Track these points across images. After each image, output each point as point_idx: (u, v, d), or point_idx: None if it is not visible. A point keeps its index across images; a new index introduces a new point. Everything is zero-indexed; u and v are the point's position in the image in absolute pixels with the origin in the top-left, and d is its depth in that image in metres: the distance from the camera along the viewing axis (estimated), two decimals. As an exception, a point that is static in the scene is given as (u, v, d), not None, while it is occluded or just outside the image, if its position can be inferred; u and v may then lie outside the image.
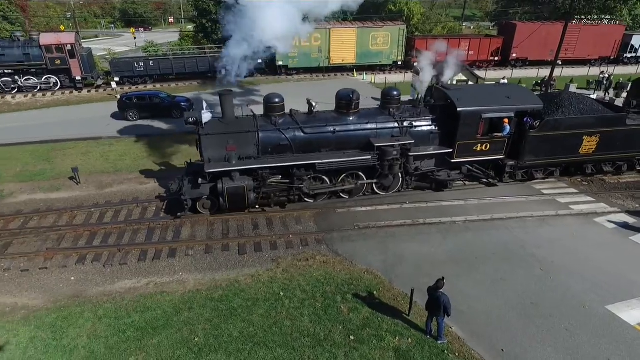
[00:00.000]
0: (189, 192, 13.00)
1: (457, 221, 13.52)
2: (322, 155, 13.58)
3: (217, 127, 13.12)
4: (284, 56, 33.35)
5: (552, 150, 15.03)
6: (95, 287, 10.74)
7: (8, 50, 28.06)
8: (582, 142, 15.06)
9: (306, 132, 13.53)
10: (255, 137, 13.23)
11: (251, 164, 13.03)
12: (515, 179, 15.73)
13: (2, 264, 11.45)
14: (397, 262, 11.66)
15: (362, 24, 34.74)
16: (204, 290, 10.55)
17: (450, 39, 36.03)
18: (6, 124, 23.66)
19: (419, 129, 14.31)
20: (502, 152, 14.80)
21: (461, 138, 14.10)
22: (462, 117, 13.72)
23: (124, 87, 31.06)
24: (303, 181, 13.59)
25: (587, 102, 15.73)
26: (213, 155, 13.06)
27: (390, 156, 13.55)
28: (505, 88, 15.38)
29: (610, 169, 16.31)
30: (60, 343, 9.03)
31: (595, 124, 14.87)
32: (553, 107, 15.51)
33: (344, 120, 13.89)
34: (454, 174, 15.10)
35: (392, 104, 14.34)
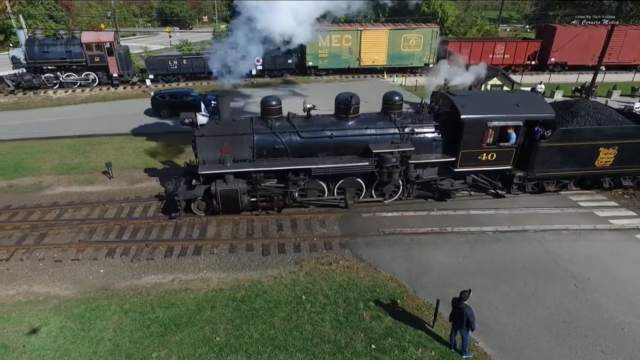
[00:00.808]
0: (182, 193, 12.99)
1: (487, 231, 13.05)
2: (318, 160, 13.28)
3: (213, 128, 13.10)
4: (314, 56, 33.38)
5: (564, 161, 14.15)
6: (123, 280, 11.01)
7: (52, 48, 29.33)
8: (599, 154, 14.07)
9: (302, 136, 13.29)
10: (250, 140, 13.12)
11: (245, 167, 12.94)
12: (524, 190, 14.95)
13: (37, 254, 11.91)
14: (422, 270, 11.36)
15: (394, 26, 34.31)
16: (227, 290, 10.61)
17: (485, 42, 35.11)
18: (48, 117, 24.73)
19: (420, 135, 13.81)
20: (510, 162, 14.06)
21: (465, 146, 13.49)
22: (466, 124, 13.10)
23: (157, 84, 31.92)
24: (298, 186, 13.31)
25: (605, 111, 14.71)
26: (208, 157, 13.05)
27: (389, 163, 13.14)
28: (516, 95, 14.50)
29: (631, 184, 15.25)
30: (88, 334, 9.29)
31: (613, 135, 13.87)
32: (568, 116, 14.65)
33: (342, 125, 13.58)
34: (458, 184, 14.52)
35: (393, 109, 13.88)
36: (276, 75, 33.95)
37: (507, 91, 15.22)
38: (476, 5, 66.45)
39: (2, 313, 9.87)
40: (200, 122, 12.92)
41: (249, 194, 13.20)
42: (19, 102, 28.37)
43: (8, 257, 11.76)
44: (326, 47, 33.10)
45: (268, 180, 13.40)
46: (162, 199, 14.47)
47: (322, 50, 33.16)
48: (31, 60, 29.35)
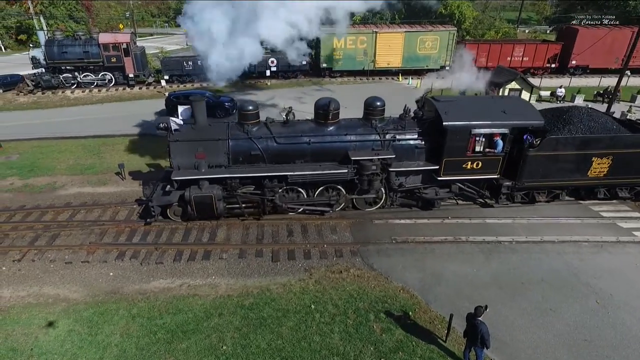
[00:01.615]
0: (157, 199, 12.78)
1: (503, 241, 12.63)
2: (296, 167, 12.95)
3: (187, 134, 12.85)
4: (328, 58, 33.16)
5: (555, 171, 13.55)
6: (132, 284, 10.96)
7: (70, 48, 29.78)
8: (592, 163, 13.45)
9: (279, 142, 12.97)
10: (225, 146, 12.80)
11: (218, 173, 12.63)
12: (513, 200, 14.39)
13: (48, 255, 11.97)
14: (435, 281, 11.03)
15: (410, 27, 33.82)
16: (235, 297, 10.46)
17: (503, 44, 34.36)
18: (65, 117, 25.08)
19: (402, 142, 13.35)
20: (497, 171, 13.53)
21: (448, 154, 13.00)
22: (449, 132, 12.62)
23: (172, 85, 32.12)
24: (275, 193, 13.03)
25: (600, 119, 13.99)
26: (182, 163, 12.77)
27: (368, 170, 12.77)
28: (503, 101, 13.86)
29: (627, 195, 14.59)
30: (95, 339, 9.24)
31: (607, 145, 13.22)
32: (560, 124, 13.99)
33: (321, 131, 13.21)
34: (443, 192, 14.01)
35: (374, 115, 13.44)
36: (290, 77, 33.83)
37: (495, 97, 14.43)
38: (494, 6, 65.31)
39: (13, 315, 9.91)
40: (174, 128, 12.70)
41: (225, 200, 12.92)
42: (37, 102, 28.86)
43: (20, 257, 11.83)
44: (341, 49, 32.84)
45: (245, 187, 13.08)
46: (141, 204, 14.34)
47: (337, 51, 32.89)
48: (50, 61, 29.84)
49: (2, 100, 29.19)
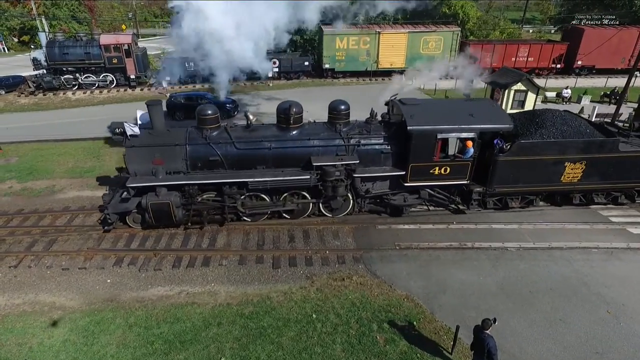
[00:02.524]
0: (113, 206, 12.37)
1: (510, 247, 12.32)
2: (256, 173, 12.56)
3: (144, 139, 12.46)
4: (330, 59, 32.88)
5: (527, 177, 13.17)
6: (129, 292, 10.71)
7: (72, 49, 29.63)
8: (564, 169, 13.08)
9: (238, 147, 12.55)
10: (183, 151, 12.42)
11: (175, 180, 12.25)
12: (485, 207, 13.99)
13: (45, 261, 11.75)
14: (440, 289, 10.73)
15: (413, 28, 33.50)
16: (235, 305, 10.20)
17: (508, 44, 33.97)
18: (66, 119, 24.91)
19: (367, 147, 12.91)
20: (466, 176, 13.13)
21: (414, 160, 12.59)
22: (414, 136, 12.20)
23: (174, 86, 31.89)
24: (236, 200, 12.66)
25: (574, 122, 13.52)
26: (139, 169, 12.38)
27: (332, 177, 12.38)
28: (472, 104, 13.42)
29: (603, 200, 14.25)
30: (91, 349, 9.00)
31: (580, 149, 12.83)
32: (532, 128, 13.51)
33: (282, 136, 12.80)
34: (412, 199, 13.63)
35: (339, 119, 13.00)
36: (292, 78, 33.58)
37: (465, 100, 13.79)
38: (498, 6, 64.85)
39: (7, 324, 9.68)
40: (130, 133, 12.33)
41: (185, 207, 12.59)
42: (39, 103, 28.73)
43: (17, 264, 11.62)
44: (343, 49, 32.57)
45: (206, 194, 12.75)
46: (101, 210, 13.84)
47: (339, 52, 32.63)
48: (51, 62, 29.69)
49: (4, 102, 29.07)
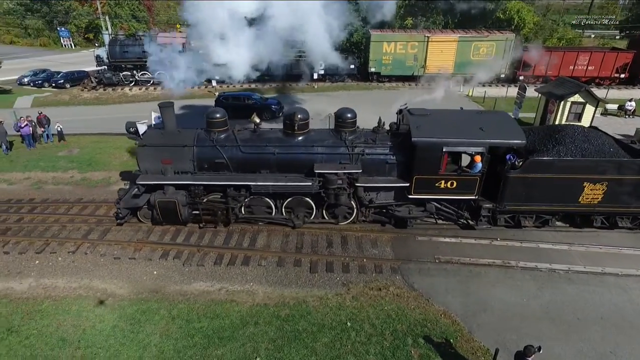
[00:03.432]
0: (125, 201, 12.89)
1: (558, 270, 11.72)
2: (260, 177, 12.67)
3: (156, 138, 12.89)
4: (377, 62, 32.69)
5: (540, 195, 12.37)
6: (173, 284, 11.24)
7: (130, 48, 31.51)
8: (583, 189, 12.15)
9: (243, 151, 12.74)
10: (191, 152, 12.76)
11: (181, 179, 12.66)
12: (496, 224, 13.23)
13: (99, 249, 12.57)
14: (480, 308, 10.41)
15: (464, 33, 32.58)
16: (272, 306, 10.43)
17: (566, 52, 32.24)
18: (122, 113, 26.39)
19: (372, 156, 12.67)
20: (474, 192, 12.48)
21: (419, 172, 12.18)
22: (419, 148, 11.82)
23: (222, 85, 33.00)
24: (239, 202, 12.87)
25: (598, 140, 12.52)
26: (149, 167, 12.87)
27: (334, 185, 12.25)
28: (484, 117, 12.70)
29: (629, 224, 13.08)
30: (137, 337, 9.54)
31: (601, 170, 11.91)
32: (550, 144, 12.65)
33: (287, 142, 12.82)
34: (417, 211, 13.16)
35: (345, 127, 12.85)
36: (337, 80, 33.71)
37: (477, 112, 13.08)
38: (557, 8, 61.45)
39: (65, 305, 10.46)
40: (141, 131, 12.86)
41: (191, 206, 12.95)
42: (99, 98, 30.72)
43: (75, 249, 12.51)
44: (390, 53, 32.29)
45: (211, 194, 13.05)
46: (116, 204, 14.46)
47: (386, 56, 32.37)
48: (112, 59, 31.69)
49: (69, 95, 31.35)
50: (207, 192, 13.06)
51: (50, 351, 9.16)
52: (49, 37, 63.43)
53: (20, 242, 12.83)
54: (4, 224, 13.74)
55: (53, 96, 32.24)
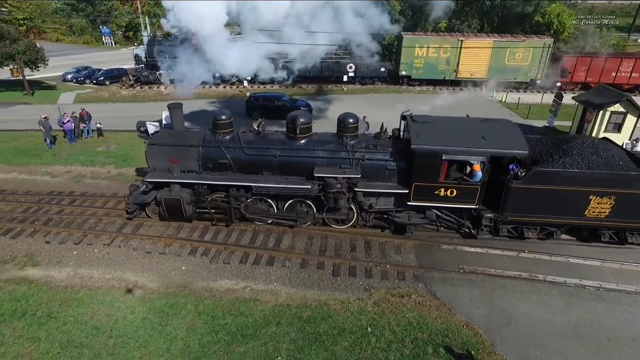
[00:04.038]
0: (134, 197, 13.43)
1: (588, 286, 11.36)
2: (261, 179, 12.92)
3: (164, 138, 13.35)
4: (408, 66, 32.42)
5: (543, 207, 12.02)
6: (200, 281, 11.64)
7: (167, 47, 32.43)
8: (589, 202, 11.72)
9: (246, 152, 13.03)
10: (197, 152, 13.12)
11: (187, 178, 13.11)
12: (498, 234, 12.87)
13: (132, 243, 13.15)
14: (504, 321, 10.25)
15: (499, 37, 31.81)
16: (294, 307, 10.64)
17: (608, 58, 30.91)
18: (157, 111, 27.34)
19: (373, 162, 12.67)
20: (475, 201, 12.18)
21: (418, 179, 12.08)
22: (417, 155, 11.71)
23: (253, 85, 33.61)
24: (241, 202, 13.17)
25: (606, 153, 11.96)
26: (158, 165, 13.40)
27: (333, 188, 12.35)
28: (487, 126, 12.32)
29: (638, 241, 12.48)
30: (165, 329, 9.96)
31: (607, 183, 11.44)
32: (557, 155, 12.19)
33: (290, 145, 13.00)
34: (417, 218, 12.99)
35: (346, 132, 12.90)
36: (367, 83, 33.66)
37: (481, 120, 12.74)
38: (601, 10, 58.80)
39: (99, 295, 11.04)
40: (151, 131, 13.38)
41: (196, 204, 13.39)
42: (136, 95, 31.95)
43: (109, 242, 13.16)
44: (422, 57, 31.94)
45: (215, 193, 13.43)
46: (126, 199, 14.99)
47: (418, 59, 32.03)
48: (150, 58, 32.86)
49: (108, 92, 32.78)
50: (211, 191, 13.53)
51: (85, 338, 9.71)
52: (91, 35, 66.38)
53: (61, 233, 13.61)
54: (46, 215, 14.61)
55: (94, 93, 33.78)
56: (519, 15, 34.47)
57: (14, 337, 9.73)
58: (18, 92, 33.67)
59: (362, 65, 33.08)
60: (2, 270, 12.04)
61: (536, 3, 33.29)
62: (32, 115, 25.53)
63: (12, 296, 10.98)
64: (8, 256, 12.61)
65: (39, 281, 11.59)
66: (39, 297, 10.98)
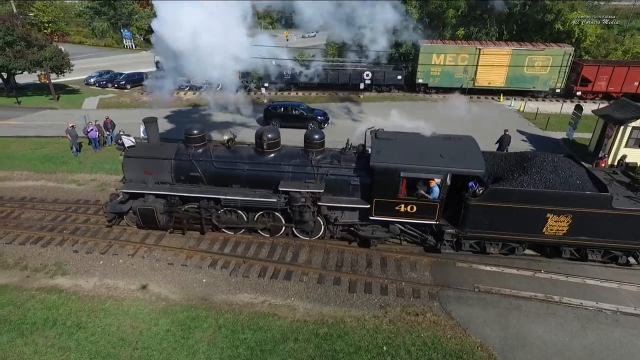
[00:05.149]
0: (112, 207, 14.16)
1: (605, 310, 11.35)
2: (230, 191, 13.44)
3: (140, 151, 13.99)
4: (425, 74, 32.40)
5: (502, 223, 12.21)
6: (221, 294, 12.02)
7: (187, 54, 33.22)
8: (546, 220, 11.86)
9: (216, 166, 13.54)
10: (170, 165, 13.67)
11: (159, 189, 13.69)
12: (460, 249, 13.02)
13: (155, 254, 13.63)
14: (518, 344, 10.35)
15: (519, 45, 31.52)
16: (311, 323, 10.92)
17: (631, 67, 30.35)
18: (177, 117, 28.12)
19: (337, 177, 13.09)
20: (435, 217, 12.42)
21: (378, 195, 12.42)
22: (376, 172, 12.07)
23: (270, 92, 34.04)
24: (212, 213, 13.69)
25: (565, 172, 12.09)
26: (133, 177, 14.00)
27: (297, 202, 12.80)
28: (447, 143, 12.55)
29: (599, 258, 12.76)
30: (187, 342, 10.37)
31: (563, 202, 11.59)
32: (517, 173, 12.30)
33: (258, 159, 13.51)
34: (380, 232, 13.32)
35: (312, 147, 13.38)
36: (383, 91, 33.75)
37: (444, 137, 12.95)
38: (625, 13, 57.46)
39: (124, 306, 11.52)
40: (127, 144, 14.00)
41: (169, 214, 13.96)
42: (157, 101, 32.63)
43: (133, 252, 13.66)
44: (439, 65, 31.86)
45: (188, 204, 13.94)
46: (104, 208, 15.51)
47: (435, 67, 31.98)
48: (170, 65, 33.56)
49: (130, 98, 33.64)
50: (183, 202, 14.10)
51: (112, 349, 10.19)
52: (112, 38, 67.96)
53: (87, 242, 14.19)
54: (74, 224, 15.23)
55: (116, 98, 34.71)
56: (539, 22, 34.00)
57: (47, 346, 10.27)
58: (44, 97, 34.85)
59: (378, 72, 33.21)
60: (34, 278, 12.65)
61: (557, 10, 32.79)
62: (58, 121, 26.53)
63: (43, 305, 11.56)
64: (39, 264, 13.23)
65: (68, 290, 12.15)
66: (68, 306, 11.53)
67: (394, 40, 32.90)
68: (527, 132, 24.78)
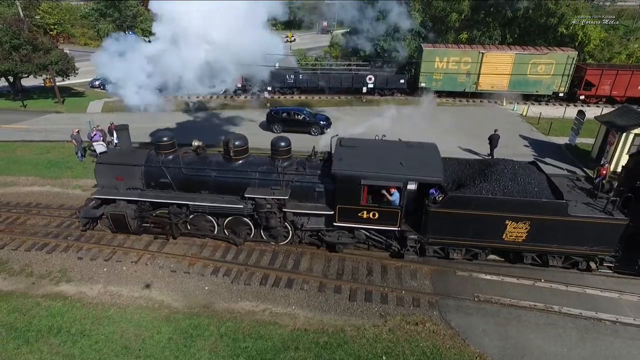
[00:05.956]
0: (85, 212, 14.39)
1: (605, 320, 11.40)
2: (199, 197, 13.68)
3: (111, 157, 14.33)
4: (427, 78, 32.42)
5: (463, 230, 12.44)
6: (222, 302, 12.16)
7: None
8: (505, 227, 12.08)
9: (185, 172, 13.78)
10: (140, 171, 13.93)
11: (130, 195, 13.96)
12: (424, 254, 13.25)
13: (158, 261, 13.79)
14: (517, 354, 10.42)
15: (522, 49, 31.46)
16: (311, 332, 11.04)
17: (635, 71, 30.23)
18: (183, 119, 28.28)
19: (302, 184, 13.32)
20: (396, 223, 12.67)
21: (340, 202, 12.62)
22: (338, 179, 12.30)
23: (273, 95, 34.16)
24: (180, 219, 13.97)
25: (525, 178, 12.34)
26: (106, 183, 14.31)
27: (263, 208, 13.05)
28: (408, 151, 12.88)
29: (559, 264, 12.99)
30: (189, 351, 10.52)
31: (521, 209, 11.80)
32: (478, 179, 12.55)
33: (225, 166, 13.72)
34: (346, 238, 13.54)
35: (278, 155, 13.59)
36: (386, 94, 33.80)
37: (406, 145, 13.22)
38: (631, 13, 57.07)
39: (128, 314, 11.69)
40: (100, 151, 14.37)
41: (140, 219, 14.21)
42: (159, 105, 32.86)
43: (137, 259, 13.84)
44: (442, 69, 31.89)
45: (159, 209, 14.22)
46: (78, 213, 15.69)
47: (438, 71, 32.00)
48: (174, 68, 33.78)
49: (134, 101, 33.78)
50: (154, 208, 14.36)
51: (115, 357, 10.36)
52: (117, 40, 68.20)
53: (92, 249, 14.38)
54: (78, 230, 15.42)
55: (121, 101, 34.83)
56: (542, 26, 33.92)
57: (51, 353, 10.46)
58: (49, 100, 35.16)
59: (381, 76, 33.27)
60: (39, 285, 12.86)
61: (560, 14, 32.70)
62: (63, 125, 26.76)
63: (48, 312, 11.76)
64: (44, 271, 13.44)
65: (72, 297, 12.34)
66: (72, 313, 11.72)
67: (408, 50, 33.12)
68: (530, 137, 24.75)
